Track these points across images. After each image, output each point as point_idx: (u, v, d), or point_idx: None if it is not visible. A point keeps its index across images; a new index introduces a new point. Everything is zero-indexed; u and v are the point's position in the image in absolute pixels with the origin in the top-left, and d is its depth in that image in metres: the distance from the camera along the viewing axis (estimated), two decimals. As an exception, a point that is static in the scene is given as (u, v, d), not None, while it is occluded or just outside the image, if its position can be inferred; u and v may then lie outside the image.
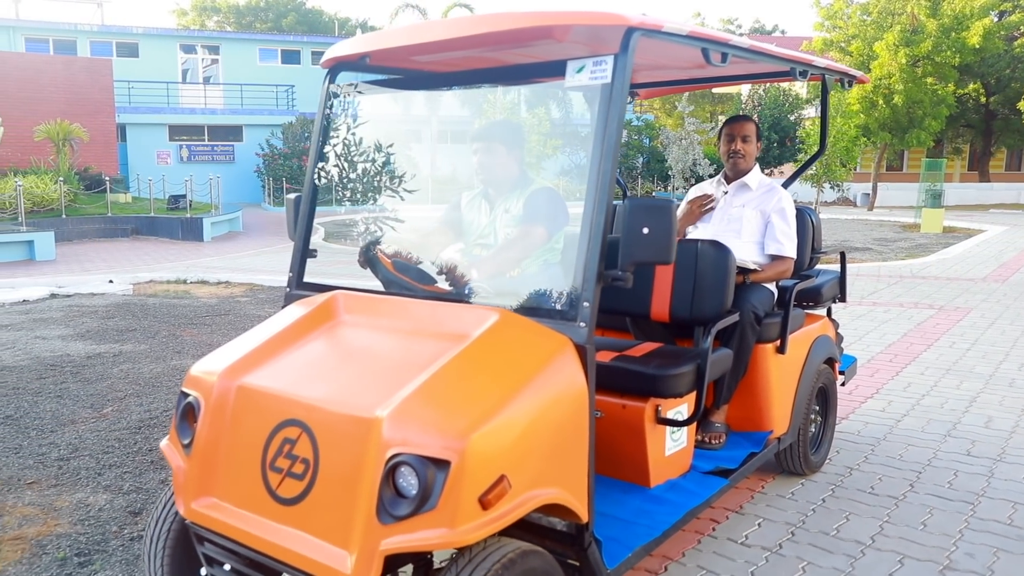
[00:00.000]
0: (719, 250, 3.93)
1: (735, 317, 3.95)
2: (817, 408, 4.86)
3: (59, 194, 21.85)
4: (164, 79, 35.95)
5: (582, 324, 2.76)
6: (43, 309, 10.56)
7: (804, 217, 4.60)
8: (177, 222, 22.05)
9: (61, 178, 22.21)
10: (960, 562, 3.84)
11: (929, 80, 29.44)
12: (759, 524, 4.20)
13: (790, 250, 4.38)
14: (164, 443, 3.15)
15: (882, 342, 8.55)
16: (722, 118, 41.97)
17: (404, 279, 3.42)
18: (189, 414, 3.01)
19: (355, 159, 3.67)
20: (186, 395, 3.05)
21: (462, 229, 3.83)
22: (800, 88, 34.76)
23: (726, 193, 4.56)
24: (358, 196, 3.72)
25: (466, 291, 3.27)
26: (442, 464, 2.40)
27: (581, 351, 2.77)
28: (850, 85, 4.63)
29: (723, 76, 4.69)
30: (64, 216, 21.47)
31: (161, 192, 26.20)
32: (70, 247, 18.93)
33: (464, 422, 2.46)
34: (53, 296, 11.60)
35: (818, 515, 4.32)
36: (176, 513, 3.09)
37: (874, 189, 32.70)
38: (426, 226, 3.83)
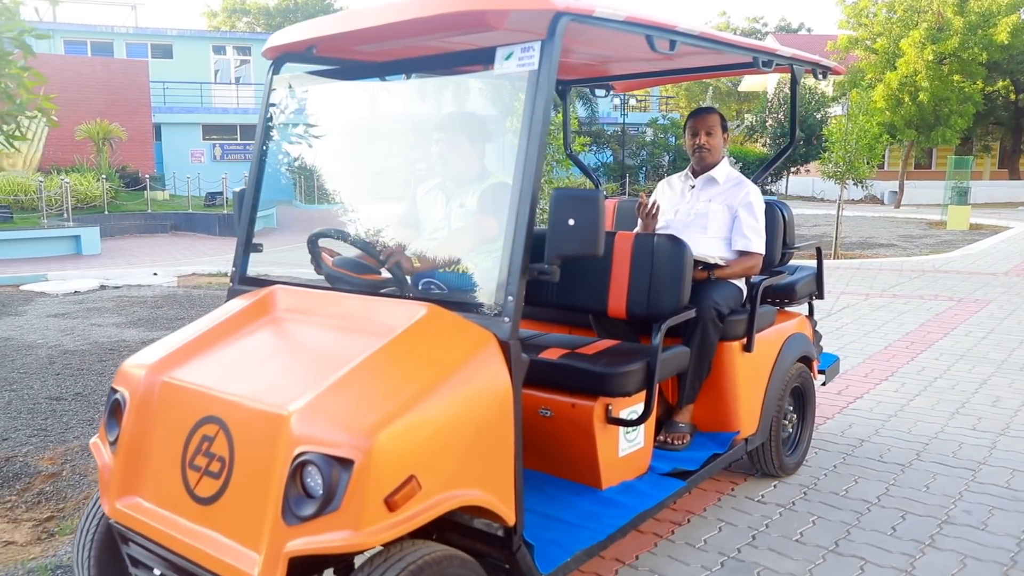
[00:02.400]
0: (675, 244, 3.80)
1: (690, 313, 3.82)
2: (792, 408, 4.71)
3: (101, 191, 22.72)
4: (197, 79, 36.24)
5: (506, 319, 2.67)
6: (95, 300, 11.30)
7: (774, 211, 4.45)
8: (215, 218, 22.56)
9: (104, 175, 22.79)
10: (958, 518, 4.21)
11: (956, 77, 29.01)
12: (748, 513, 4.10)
13: (758, 246, 4.24)
14: (93, 440, 3.09)
15: (900, 330, 8.80)
16: (748, 116, 41.70)
17: (345, 273, 3.33)
18: (116, 410, 2.96)
19: (301, 152, 3.60)
20: (115, 391, 3.00)
21: (416, 222, 3.75)
22: (826, 86, 34.39)
23: (693, 187, 4.42)
24: (308, 190, 3.65)
25: (405, 284, 3.19)
26: (346, 463, 2.31)
27: (505, 347, 2.67)
28: (824, 76, 4.50)
29: (694, 68, 4.56)
30: (106, 212, 22.27)
31: (197, 190, 26.77)
32: (113, 242, 19.54)
33: (372, 419, 2.37)
34: (103, 287, 12.40)
35: (830, 479, 4.69)
36: (103, 513, 3.03)
37: (901, 187, 32.26)
38: (377, 219, 3.75)
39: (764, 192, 4.35)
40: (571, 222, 2.60)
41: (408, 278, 3.23)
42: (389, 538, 2.34)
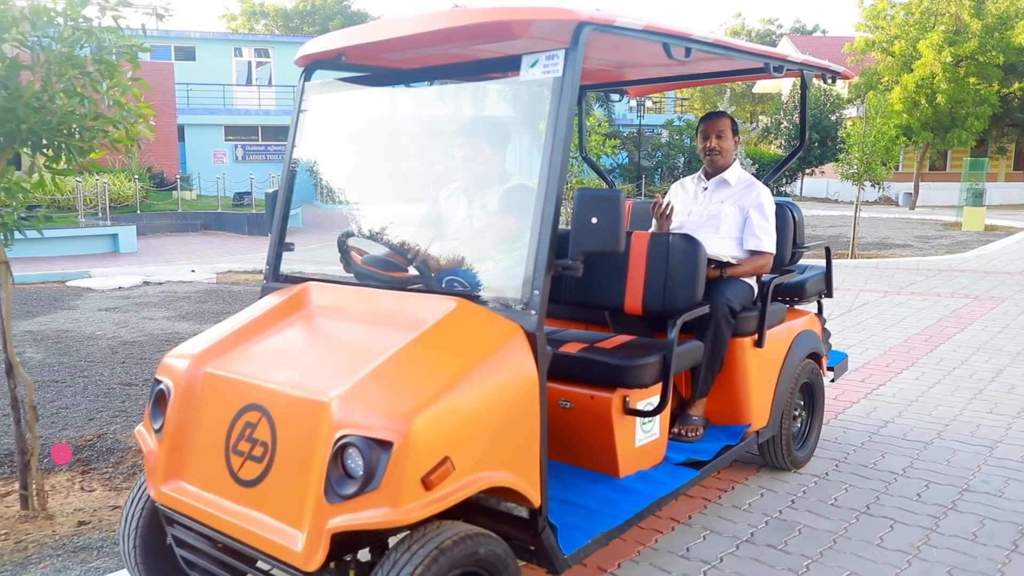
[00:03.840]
0: (690, 243, 3.96)
1: (704, 309, 3.97)
2: (802, 404, 4.85)
3: (134, 191, 23.31)
4: (219, 81, 36.51)
5: (532, 312, 2.83)
6: (140, 295, 11.80)
7: (785, 212, 4.59)
8: (243, 217, 23.05)
9: (136, 176, 23.22)
10: (977, 487, 4.63)
11: (972, 80, 29.00)
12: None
13: (768, 245, 4.38)
14: (138, 429, 3.26)
15: (918, 325, 9.20)
16: (763, 118, 41.71)
17: (373, 271, 3.49)
18: (161, 400, 3.13)
19: (332, 156, 3.76)
20: (159, 382, 3.16)
21: (439, 222, 3.90)
22: (842, 88, 34.40)
23: (705, 189, 4.57)
24: (335, 191, 3.81)
25: (432, 281, 3.34)
26: (386, 445, 2.47)
27: (531, 338, 2.83)
28: (833, 81, 4.63)
29: (707, 73, 4.70)
30: (139, 212, 22.84)
31: (220, 190, 27.27)
32: (146, 240, 20.06)
33: (409, 404, 2.53)
34: (146, 283, 12.95)
35: (859, 453, 5.14)
36: (149, 496, 3.20)
37: (916, 188, 32.26)
38: (402, 219, 3.91)
39: (778, 193, 4.48)
40: (594, 220, 2.75)
41: (433, 275, 3.39)
42: (425, 515, 2.49)
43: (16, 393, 4.26)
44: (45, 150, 4.09)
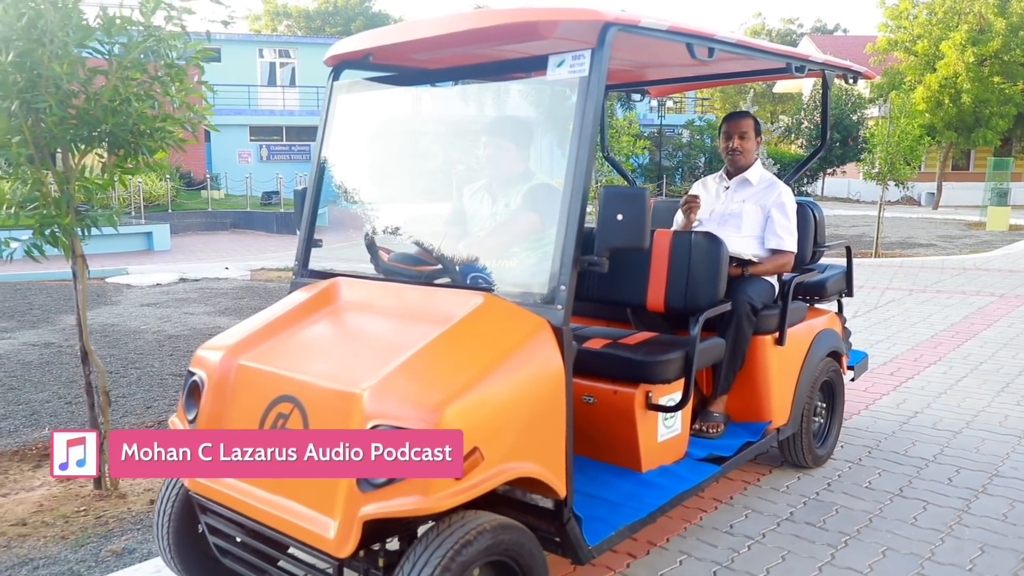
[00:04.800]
0: (712, 241, 4.00)
1: (726, 307, 4.01)
2: (821, 402, 4.87)
3: (165, 191, 23.81)
4: (244, 82, 36.74)
5: (559, 307, 2.88)
6: (178, 291, 12.13)
7: (806, 212, 4.63)
8: (272, 216, 23.38)
9: (167, 175, 23.56)
10: (1006, 472, 4.83)
11: (997, 79, 28.86)
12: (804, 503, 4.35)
13: (790, 244, 4.42)
14: (172, 419, 3.34)
15: (945, 322, 9.33)
16: (783, 117, 41.57)
17: (400, 267, 3.55)
18: (194, 391, 3.21)
19: (359, 154, 3.83)
20: (192, 374, 3.24)
21: (464, 220, 3.95)
22: (863, 88, 34.26)
23: (727, 188, 4.62)
24: (361, 189, 3.88)
25: (457, 277, 3.40)
26: None
27: (558, 332, 2.88)
28: (855, 81, 4.66)
29: (728, 73, 4.74)
30: (170, 211, 23.31)
31: (248, 189, 27.68)
32: (178, 239, 20.51)
33: (440, 396, 2.60)
34: (182, 280, 13.26)
35: (890, 442, 5.32)
36: (182, 485, 3.28)
37: (939, 188, 32.16)
38: (427, 217, 3.97)
39: (799, 193, 4.52)
40: (619, 217, 2.81)
41: (458, 268, 3.44)
42: (455, 503, 2.54)
43: (91, 379, 4.55)
44: (118, 151, 4.40)
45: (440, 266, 3.42)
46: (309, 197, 3.82)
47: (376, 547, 2.84)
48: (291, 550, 2.93)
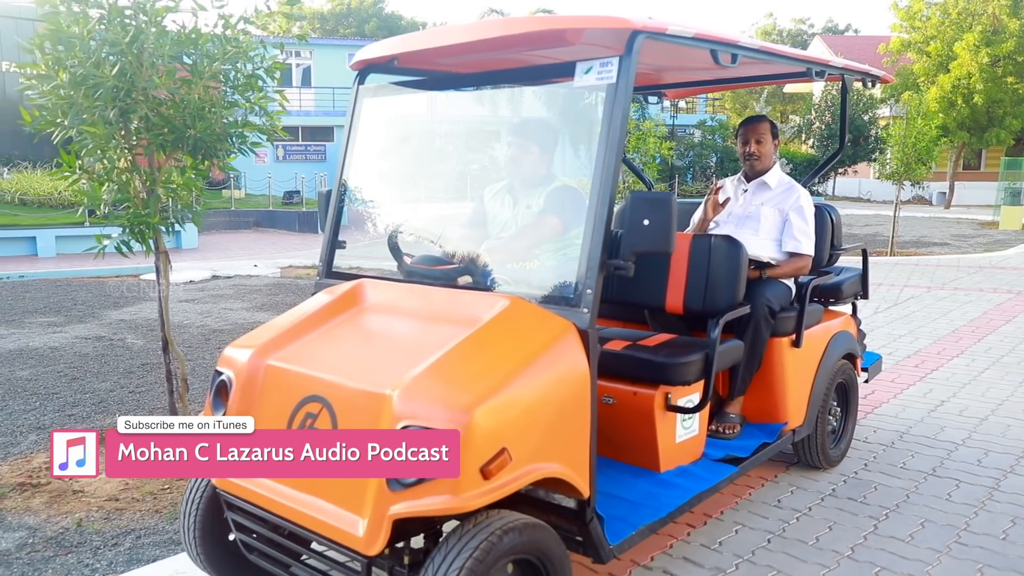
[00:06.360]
0: (731, 244, 4.04)
1: (745, 309, 4.05)
2: (836, 403, 4.91)
3: (191, 191, 23.56)
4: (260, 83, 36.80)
5: (585, 310, 2.92)
6: (213, 288, 12.32)
7: (823, 215, 4.66)
8: (294, 215, 23.66)
9: (193, 174, 23.80)
10: None
11: (1010, 79, 28.82)
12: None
13: (807, 247, 4.45)
14: None
15: (964, 317, 9.57)
16: (794, 117, 41.52)
17: (423, 268, 3.59)
18: (222, 391, 3.24)
19: (384, 156, 3.87)
20: (220, 373, 3.28)
21: (485, 222, 3.98)
22: (876, 88, 34.18)
23: (745, 191, 4.65)
24: (386, 191, 3.92)
25: (482, 279, 3.44)
26: None
27: (583, 335, 2.93)
28: (873, 85, 4.68)
29: (745, 77, 4.78)
30: (196, 208, 23.08)
31: (269, 189, 27.84)
32: (204, 237, 20.76)
33: (469, 397, 2.64)
34: (215, 277, 13.49)
35: (919, 427, 5.61)
36: (208, 481, 3.33)
37: (951, 187, 32.16)
38: (449, 218, 4.01)
39: (812, 194, 4.56)
40: (646, 222, 2.84)
41: (485, 272, 3.47)
42: (484, 503, 2.58)
43: (171, 368, 4.85)
44: (199, 155, 4.72)
45: (465, 268, 3.46)
46: (333, 200, 3.86)
47: (401, 545, 2.88)
48: (314, 546, 2.97)
